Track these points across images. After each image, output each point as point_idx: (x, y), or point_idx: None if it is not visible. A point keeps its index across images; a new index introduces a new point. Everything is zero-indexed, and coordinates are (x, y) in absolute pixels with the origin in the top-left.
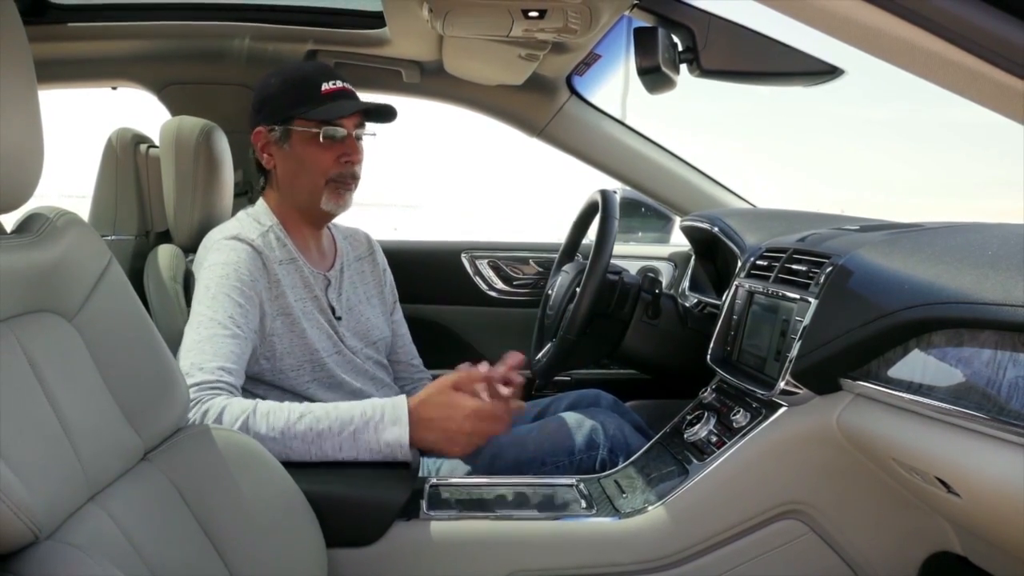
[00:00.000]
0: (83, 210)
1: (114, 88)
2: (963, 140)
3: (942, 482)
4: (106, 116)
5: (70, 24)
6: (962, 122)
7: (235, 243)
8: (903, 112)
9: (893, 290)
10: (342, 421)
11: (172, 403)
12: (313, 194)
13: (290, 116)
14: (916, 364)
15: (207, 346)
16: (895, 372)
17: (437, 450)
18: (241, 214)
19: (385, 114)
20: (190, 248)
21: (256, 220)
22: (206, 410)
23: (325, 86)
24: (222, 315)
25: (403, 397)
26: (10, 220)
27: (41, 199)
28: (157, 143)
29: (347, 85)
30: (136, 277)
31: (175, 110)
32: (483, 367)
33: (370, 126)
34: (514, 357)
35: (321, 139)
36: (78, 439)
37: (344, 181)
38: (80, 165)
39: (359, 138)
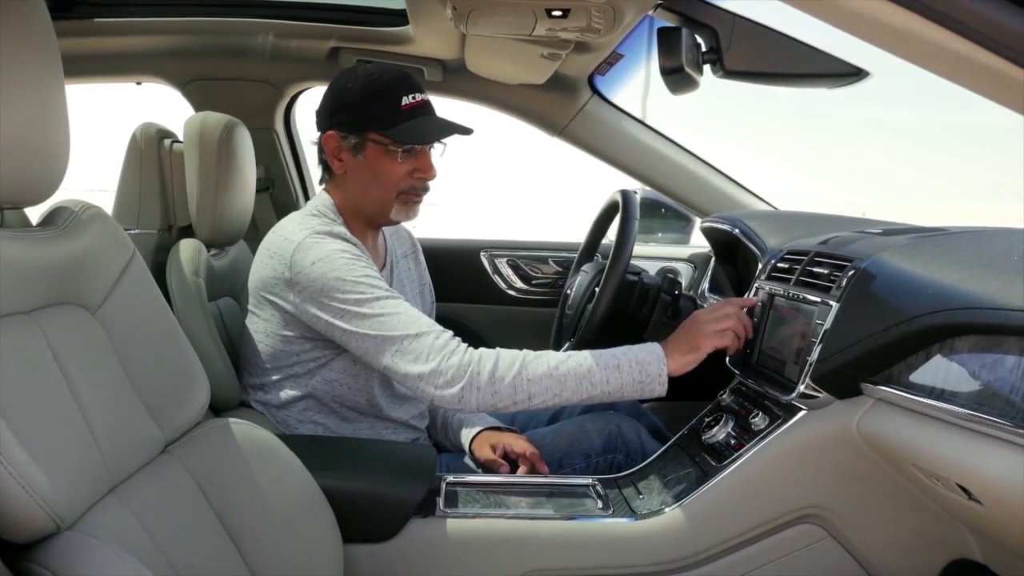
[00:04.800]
0: (107, 204)
1: (139, 83)
2: (973, 144)
3: (964, 489)
4: (131, 111)
5: (96, 20)
6: (975, 125)
7: (327, 237)
8: (919, 115)
9: (916, 294)
10: (605, 358)
11: (192, 396)
12: (384, 205)
13: (368, 128)
14: (938, 370)
15: (413, 311)
16: (917, 377)
17: (697, 358)
18: (306, 214)
19: (464, 131)
20: (212, 243)
21: (326, 216)
22: (479, 358)
23: (405, 100)
24: (384, 290)
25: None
26: (36, 213)
27: (66, 193)
28: (181, 138)
29: (426, 96)
30: (158, 271)
31: (199, 106)
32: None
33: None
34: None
35: (399, 157)
36: (99, 431)
37: (416, 193)
38: (104, 159)
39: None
